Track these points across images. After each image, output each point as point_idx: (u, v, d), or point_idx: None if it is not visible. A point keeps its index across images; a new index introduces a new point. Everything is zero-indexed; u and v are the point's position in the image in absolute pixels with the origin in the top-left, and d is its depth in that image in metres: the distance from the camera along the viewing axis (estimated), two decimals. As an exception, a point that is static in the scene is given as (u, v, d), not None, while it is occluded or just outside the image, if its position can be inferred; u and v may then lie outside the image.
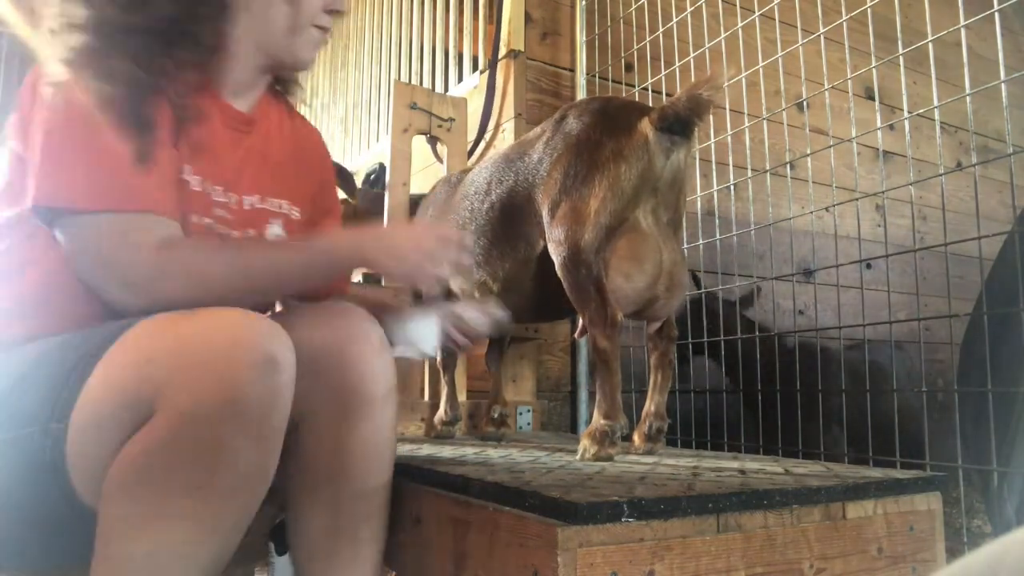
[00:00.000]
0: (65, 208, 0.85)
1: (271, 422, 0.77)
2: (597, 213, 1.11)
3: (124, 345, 0.78)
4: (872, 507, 0.94)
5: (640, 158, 1.12)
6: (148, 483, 0.72)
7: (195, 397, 0.72)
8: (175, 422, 0.72)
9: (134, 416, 0.74)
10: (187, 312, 0.80)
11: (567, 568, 0.72)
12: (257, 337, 0.76)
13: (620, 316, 1.11)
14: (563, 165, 1.17)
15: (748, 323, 1.91)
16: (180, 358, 0.74)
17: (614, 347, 1.11)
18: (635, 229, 1.14)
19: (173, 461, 0.72)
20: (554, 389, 2.00)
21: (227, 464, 0.74)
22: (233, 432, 0.73)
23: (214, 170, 1.00)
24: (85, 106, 0.86)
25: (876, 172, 2.31)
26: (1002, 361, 1.32)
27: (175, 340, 0.76)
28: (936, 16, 1.38)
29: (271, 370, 0.75)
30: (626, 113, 1.18)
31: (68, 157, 0.85)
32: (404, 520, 1.07)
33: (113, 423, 0.75)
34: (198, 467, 0.72)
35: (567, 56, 2.16)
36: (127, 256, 0.85)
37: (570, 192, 1.14)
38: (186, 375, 0.73)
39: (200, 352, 0.74)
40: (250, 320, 0.77)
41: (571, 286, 1.14)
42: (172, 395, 0.72)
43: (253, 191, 1.06)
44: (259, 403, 0.74)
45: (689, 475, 0.99)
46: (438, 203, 1.61)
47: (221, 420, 0.72)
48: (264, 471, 0.79)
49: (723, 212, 1.93)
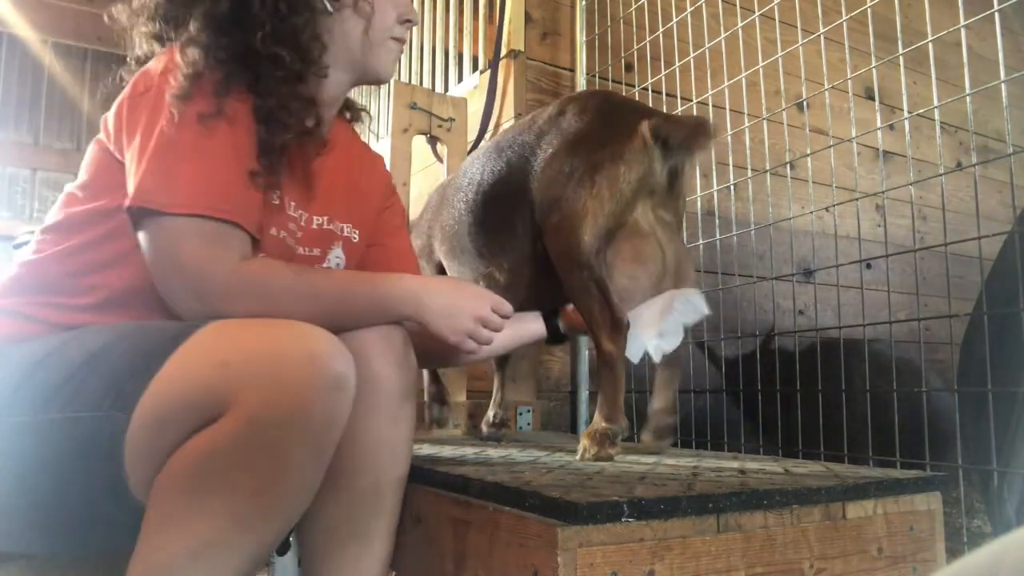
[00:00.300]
0: (158, 208, 0.85)
1: (331, 437, 0.79)
2: (595, 215, 1.10)
3: (198, 345, 0.79)
4: (872, 507, 0.94)
5: (640, 161, 1.12)
6: (206, 481, 0.73)
7: (267, 405, 0.73)
8: (244, 426, 0.73)
9: (200, 416, 0.75)
10: (262, 321, 0.82)
11: (567, 568, 0.72)
12: (330, 355, 0.77)
13: (626, 318, 1.11)
14: (559, 162, 1.16)
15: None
16: (256, 365, 0.75)
17: (619, 350, 1.11)
18: (636, 231, 1.14)
19: (236, 463, 0.73)
20: (554, 389, 2.00)
21: (286, 473, 0.75)
22: (297, 443, 0.75)
23: (290, 185, 1.02)
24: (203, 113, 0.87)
25: (876, 172, 2.31)
26: (1002, 361, 1.32)
27: (252, 347, 0.77)
28: (936, 16, 1.38)
29: (339, 389, 0.77)
30: (625, 113, 1.17)
31: (175, 160, 0.86)
32: (404, 520, 1.07)
33: (178, 420, 0.75)
34: (259, 472, 0.74)
35: (567, 56, 2.16)
36: (208, 267, 0.86)
37: (566, 191, 1.13)
38: (260, 382, 0.74)
39: (276, 362, 0.75)
40: (324, 337, 0.79)
41: (571, 286, 1.13)
42: (244, 400, 0.73)
43: (323, 212, 1.08)
44: (324, 419, 0.76)
45: (689, 475, 0.99)
46: (432, 207, 1.60)
47: (288, 430, 0.74)
48: (314, 485, 0.81)
49: (723, 212, 1.93)
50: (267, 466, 0.74)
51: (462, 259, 1.45)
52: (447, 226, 1.48)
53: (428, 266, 1.62)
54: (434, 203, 1.63)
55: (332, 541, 0.93)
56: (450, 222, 1.46)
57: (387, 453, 0.94)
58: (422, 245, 1.63)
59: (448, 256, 1.50)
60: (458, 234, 1.44)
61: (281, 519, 0.78)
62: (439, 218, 1.54)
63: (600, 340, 1.11)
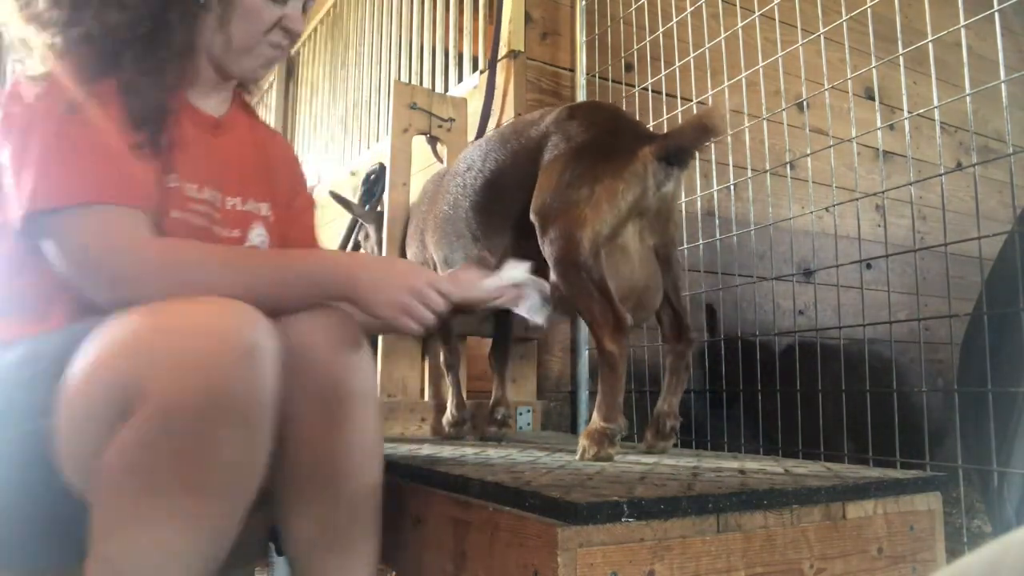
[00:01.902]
0: (59, 206, 0.84)
1: (256, 411, 0.75)
2: (592, 223, 1.12)
3: (103, 339, 0.77)
4: (872, 507, 0.94)
5: (638, 183, 1.14)
6: (134, 480, 0.71)
7: (175, 390, 0.70)
8: (156, 417, 0.70)
9: (119, 411, 0.72)
10: (165, 303, 0.78)
11: (567, 568, 0.72)
12: (238, 325, 0.74)
13: (628, 318, 1.11)
14: (561, 164, 1.18)
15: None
16: (159, 351, 0.72)
17: (622, 350, 1.11)
18: (621, 248, 1.16)
19: (157, 457, 0.71)
20: (554, 389, 2.00)
21: (213, 458, 0.72)
22: (216, 424, 0.71)
23: (190, 167, 1.00)
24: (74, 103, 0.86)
25: (876, 172, 2.31)
26: (1002, 361, 1.32)
27: (153, 332, 0.74)
28: (936, 16, 1.38)
29: (253, 359, 0.74)
30: (630, 135, 1.20)
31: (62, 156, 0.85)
32: (404, 520, 1.07)
33: (99, 418, 0.74)
34: (183, 462, 0.71)
35: (567, 56, 2.16)
36: (117, 253, 0.85)
37: (566, 197, 1.14)
38: (166, 368, 0.71)
39: (179, 343, 0.72)
40: (231, 307, 0.75)
41: (569, 287, 1.14)
42: (153, 389, 0.70)
43: (236, 193, 1.06)
44: (242, 393, 0.73)
45: (689, 475, 0.99)
46: (428, 197, 1.63)
47: (203, 413, 0.71)
48: (252, 464, 0.77)
49: (723, 212, 1.93)
50: (190, 455, 0.71)
51: (455, 244, 1.46)
52: (441, 212, 1.50)
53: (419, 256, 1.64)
54: (429, 192, 1.65)
55: (315, 550, 0.91)
56: (445, 207, 1.49)
57: (359, 457, 0.91)
58: (414, 236, 1.65)
59: (440, 244, 1.52)
60: (452, 218, 1.45)
61: (225, 506, 0.75)
62: (433, 208, 1.56)
63: (602, 340, 1.11)
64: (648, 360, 1.91)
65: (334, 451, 0.90)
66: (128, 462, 0.71)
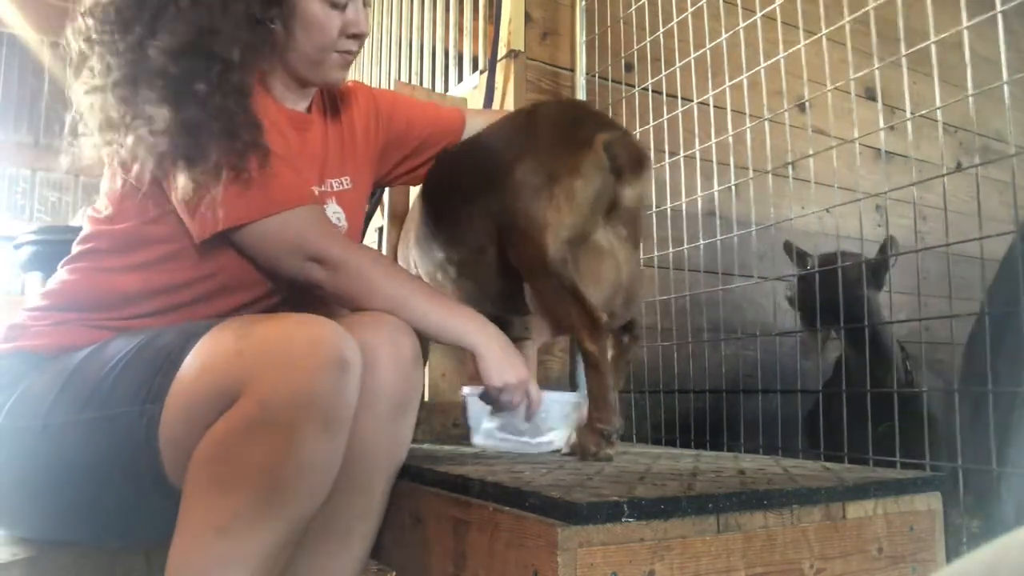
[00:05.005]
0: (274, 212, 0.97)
1: (340, 419, 0.83)
2: (555, 226, 1.09)
3: (217, 339, 0.86)
4: (872, 507, 0.94)
5: (597, 175, 1.11)
6: (226, 461, 0.80)
7: (275, 386, 0.80)
8: (255, 408, 0.79)
9: (221, 402, 0.81)
10: (273, 315, 0.90)
11: (567, 568, 0.72)
12: (333, 340, 0.83)
13: (604, 317, 1.10)
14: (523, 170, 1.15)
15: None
16: (266, 352, 0.82)
17: (601, 349, 1.11)
18: (595, 248, 1.14)
19: (250, 441, 0.79)
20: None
21: (295, 456, 0.80)
22: (305, 420, 0.80)
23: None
24: None
25: (877, 172, 2.30)
26: (1005, 361, 1.32)
27: (262, 337, 0.83)
28: (938, 17, 1.38)
29: (343, 370, 0.83)
30: (588, 125, 1.17)
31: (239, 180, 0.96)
32: (404, 520, 1.07)
33: (202, 407, 0.82)
34: (271, 449, 0.79)
35: (567, 56, 2.16)
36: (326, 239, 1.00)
37: (527, 201, 1.12)
38: (269, 368, 0.80)
39: (284, 347, 0.82)
40: (328, 325, 0.85)
41: (541, 294, 1.13)
42: (256, 384, 0.80)
43: (317, 182, 1.16)
44: (328, 397, 0.81)
45: (689, 475, 0.99)
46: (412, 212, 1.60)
47: (296, 409, 0.79)
48: (328, 464, 0.84)
49: (724, 212, 1.92)
50: (278, 444, 0.79)
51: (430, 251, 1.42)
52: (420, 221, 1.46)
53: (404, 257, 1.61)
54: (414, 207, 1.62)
55: (312, 537, 0.94)
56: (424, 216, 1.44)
57: (383, 458, 0.97)
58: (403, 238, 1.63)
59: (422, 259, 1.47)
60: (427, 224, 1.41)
61: (298, 498, 0.82)
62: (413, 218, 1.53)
63: (581, 341, 1.10)
64: (648, 360, 1.91)
65: (363, 445, 0.94)
66: (223, 442, 0.80)
